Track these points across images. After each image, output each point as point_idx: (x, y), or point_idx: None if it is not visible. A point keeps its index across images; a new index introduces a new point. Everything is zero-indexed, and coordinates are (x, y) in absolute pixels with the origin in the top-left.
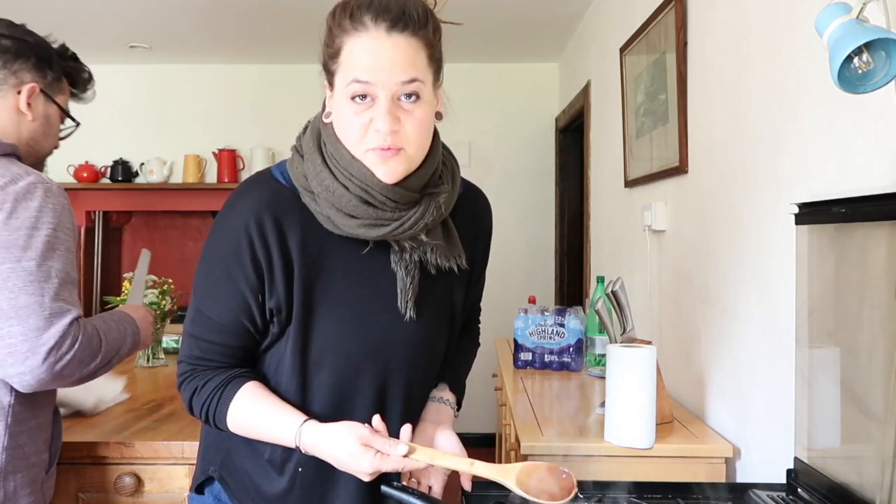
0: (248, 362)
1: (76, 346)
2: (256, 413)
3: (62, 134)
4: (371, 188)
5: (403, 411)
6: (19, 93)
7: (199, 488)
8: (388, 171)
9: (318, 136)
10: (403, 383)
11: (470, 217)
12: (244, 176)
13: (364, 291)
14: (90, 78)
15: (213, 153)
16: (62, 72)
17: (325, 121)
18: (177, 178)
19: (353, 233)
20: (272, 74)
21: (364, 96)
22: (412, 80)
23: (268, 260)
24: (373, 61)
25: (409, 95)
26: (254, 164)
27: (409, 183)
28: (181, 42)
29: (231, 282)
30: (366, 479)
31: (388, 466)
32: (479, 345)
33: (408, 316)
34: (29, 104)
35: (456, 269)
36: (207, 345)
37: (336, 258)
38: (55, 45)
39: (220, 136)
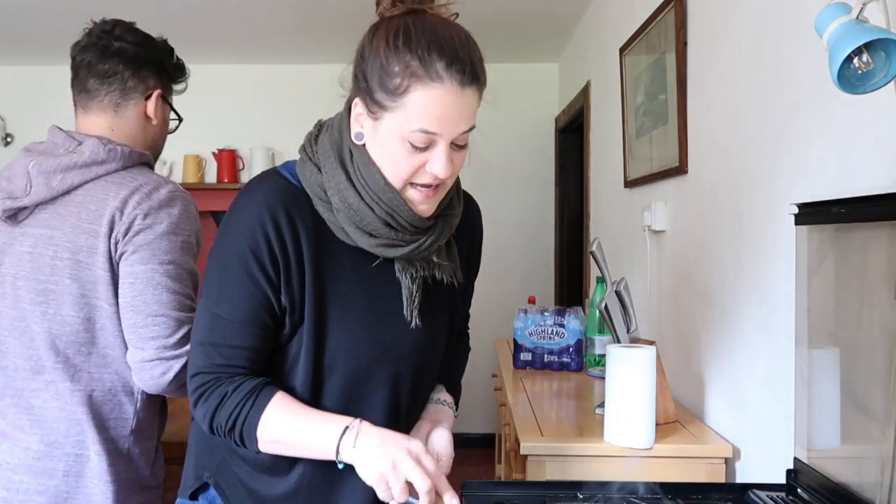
0: (267, 367)
1: None
2: (297, 414)
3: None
4: (397, 214)
5: (410, 414)
6: (147, 98)
7: (192, 495)
8: (429, 207)
9: (339, 150)
10: (410, 388)
11: (467, 226)
12: (244, 176)
13: (371, 298)
14: (185, 70)
15: (213, 153)
16: (171, 73)
17: (357, 142)
18: (176, 178)
19: (370, 249)
20: (272, 74)
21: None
22: (471, 129)
23: (284, 254)
24: (445, 115)
25: (462, 140)
26: (254, 164)
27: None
28: (181, 42)
29: (251, 280)
30: (395, 469)
31: (417, 479)
32: (469, 348)
33: (413, 323)
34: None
35: (455, 283)
36: (231, 350)
37: (345, 263)
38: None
39: (220, 136)
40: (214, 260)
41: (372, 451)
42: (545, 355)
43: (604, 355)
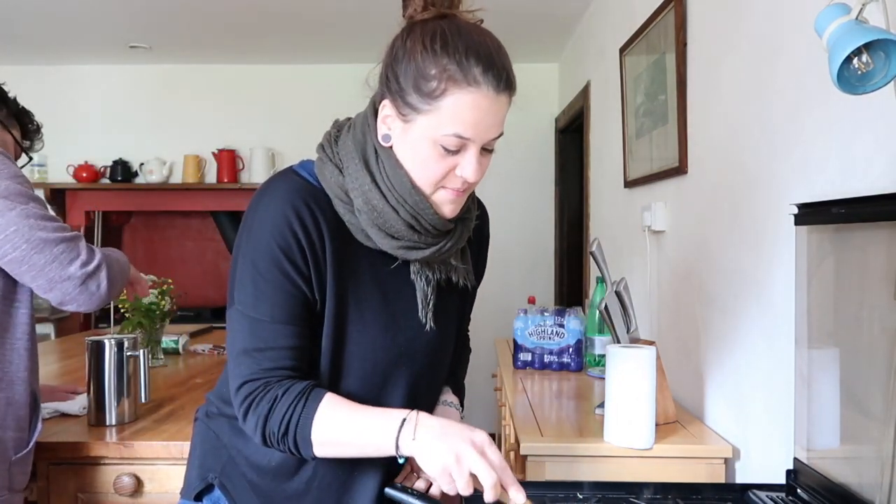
0: (313, 365)
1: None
2: (351, 411)
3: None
4: (422, 217)
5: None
6: None
7: (196, 496)
8: (456, 208)
9: (363, 151)
10: (424, 389)
11: (476, 229)
12: (244, 176)
13: (387, 301)
14: (38, 129)
15: (213, 153)
16: (14, 113)
17: (384, 144)
18: (176, 179)
19: (391, 251)
20: (272, 74)
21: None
22: (500, 135)
23: (312, 250)
24: (480, 120)
25: (491, 144)
26: (254, 164)
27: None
28: (181, 42)
29: (286, 278)
30: (466, 457)
31: (482, 472)
32: (470, 349)
33: (428, 326)
34: None
35: (469, 286)
36: (277, 352)
37: (363, 265)
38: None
39: (220, 136)
40: (243, 264)
41: (434, 443)
42: (545, 355)
43: (604, 355)
